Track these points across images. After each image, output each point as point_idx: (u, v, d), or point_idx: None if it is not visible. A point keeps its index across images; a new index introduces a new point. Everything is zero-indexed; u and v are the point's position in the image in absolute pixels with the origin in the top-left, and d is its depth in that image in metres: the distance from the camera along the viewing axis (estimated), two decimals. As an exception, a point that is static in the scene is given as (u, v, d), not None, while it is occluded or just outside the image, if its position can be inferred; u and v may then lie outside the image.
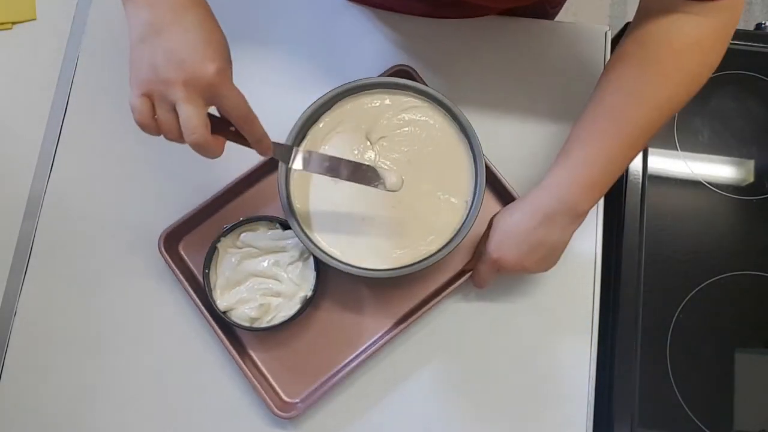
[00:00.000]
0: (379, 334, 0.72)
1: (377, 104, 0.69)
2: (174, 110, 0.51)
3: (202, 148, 0.52)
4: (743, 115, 0.83)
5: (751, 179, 0.81)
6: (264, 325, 0.68)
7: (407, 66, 0.75)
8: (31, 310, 0.74)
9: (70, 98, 0.80)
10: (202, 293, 0.70)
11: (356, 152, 0.68)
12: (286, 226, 0.70)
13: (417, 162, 0.67)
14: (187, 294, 0.70)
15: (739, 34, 0.85)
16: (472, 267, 0.69)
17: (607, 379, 0.73)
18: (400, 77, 0.70)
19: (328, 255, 0.64)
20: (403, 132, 0.68)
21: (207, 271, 0.69)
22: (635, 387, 0.73)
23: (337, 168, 0.60)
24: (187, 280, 0.71)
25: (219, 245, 0.70)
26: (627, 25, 0.88)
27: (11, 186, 0.78)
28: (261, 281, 0.69)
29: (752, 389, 0.74)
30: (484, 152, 0.66)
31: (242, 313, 0.68)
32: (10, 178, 0.78)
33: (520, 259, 0.64)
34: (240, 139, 0.55)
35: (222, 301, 0.69)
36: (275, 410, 0.67)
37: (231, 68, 0.53)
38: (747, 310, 0.77)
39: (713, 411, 0.73)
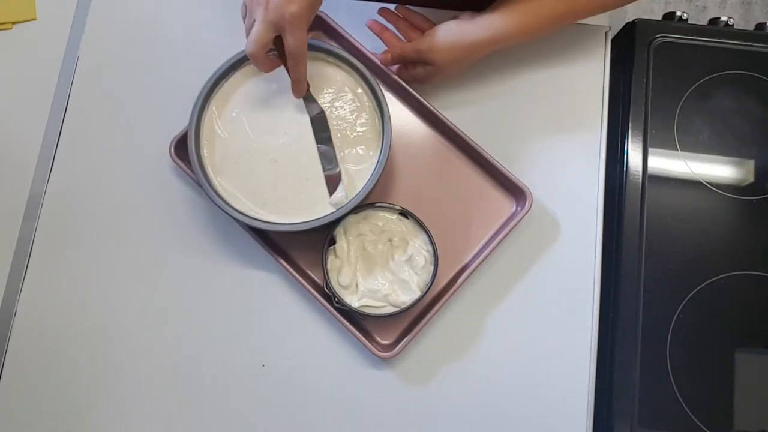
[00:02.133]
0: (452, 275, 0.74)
1: None
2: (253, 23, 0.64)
3: (253, 59, 0.64)
4: (743, 115, 0.83)
5: (751, 179, 0.81)
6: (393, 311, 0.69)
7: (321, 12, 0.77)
8: (31, 310, 0.74)
9: (70, 98, 0.80)
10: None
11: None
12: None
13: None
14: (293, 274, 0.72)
15: (739, 34, 0.85)
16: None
17: (607, 379, 0.73)
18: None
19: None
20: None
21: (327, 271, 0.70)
22: (635, 387, 0.73)
23: (331, 157, 0.70)
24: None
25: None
26: (627, 24, 0.88)
27: (11, 186, 0.78)
28: (387, 255, 0.71)
29: (752, 389, 0.74)
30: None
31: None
32: (10, 178, 0.78)
33: (429, 49, 0.71)
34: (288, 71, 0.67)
35: (352, 301, 0.69)
36: (376, 352, 0.69)
37: (311, 13, 0.62)
38: (747, 310, 0.77)
39: (713, 411, 0.73)
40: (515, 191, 0.75)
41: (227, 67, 0.71)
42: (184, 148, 0.71)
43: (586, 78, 0.78)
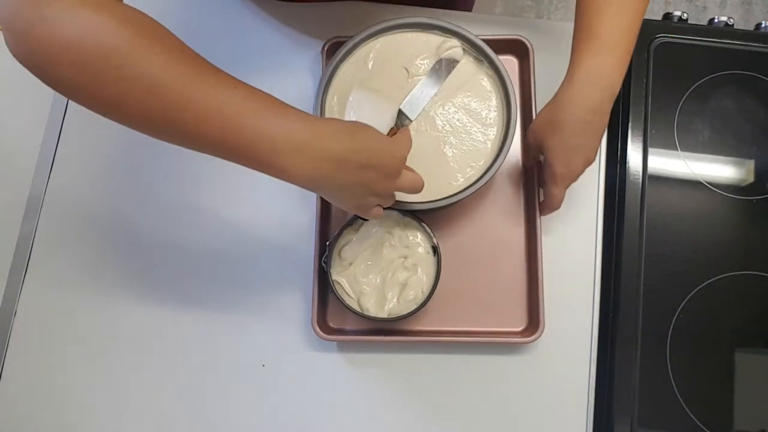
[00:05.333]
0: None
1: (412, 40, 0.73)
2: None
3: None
4: (743, 115, 0.83)
5: (751, 179, 0.81)
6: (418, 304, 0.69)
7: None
8: (31, 310, 0.74)
9: (70, 98, 0.80)
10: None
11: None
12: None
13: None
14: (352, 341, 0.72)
15: (739, 34, 0.85)
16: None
17: (607, 379, 0.73)
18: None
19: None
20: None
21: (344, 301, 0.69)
22: (635, 387, 0.73)
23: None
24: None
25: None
26: (627, 25, 0.88)
27: (11, 186, 0.78)
28: (393, 266, 0.70)
29: (752, 389, 0.74)
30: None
31: (397, 307, 0.69)
32: (10, 178, 0.78)
33: (586, 160, 0.66)
34: None
35: (379, 314, 0.69)
36: (521, 340, 0.70)
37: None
38: (747, 310, 0.77)
39: (713, 411, 0.73)
40: None
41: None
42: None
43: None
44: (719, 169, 0.81)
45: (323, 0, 0.81)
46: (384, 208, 0.62)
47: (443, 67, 0.68)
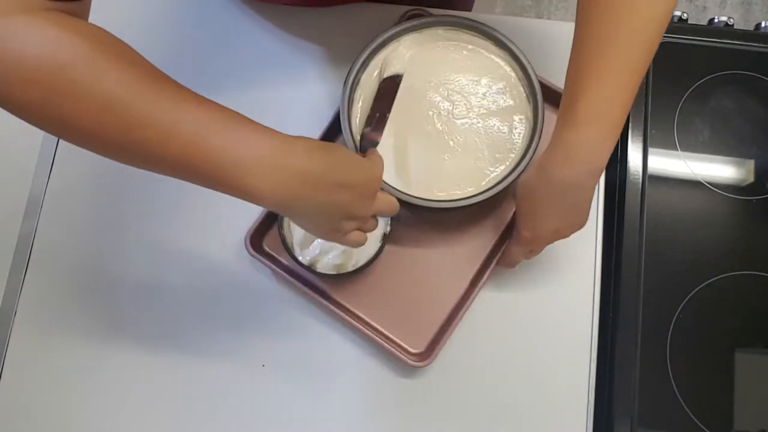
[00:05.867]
0: (477, 267, 0.74)
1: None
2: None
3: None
4: (743, 115, 0.83)
5: (751, 179, 0.81)
6: (350, 269, 0.69)
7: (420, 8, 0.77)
8: (31, 310, 0.74)
9: (70, 98, 0.80)
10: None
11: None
12: None
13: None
14: (274, 271, 0.72)
15: (739, 34, 0.85)
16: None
17: (607, 379, 0.73)
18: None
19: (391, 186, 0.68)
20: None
21: (282, 231, 0.69)
22: (635, 387, 0.73)
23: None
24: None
25: None
26: (627, 25, 0.88)
27: (11, 186, 0.78)
28: None
29: (752, 389, 0.74)
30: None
31: (326, 264, 0.69)
32: (10, 178, 0.78)
33: (555, 232, 0.63)
34: None
35: (304, 257, 0.69)
36: (410, 362, 0.69)
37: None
38: (747, 310, 0.77)
39: (713, 411, 0.73)
40: None
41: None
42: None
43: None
44: (719, 169, 0.81)
45: (322, 5, 0.81)
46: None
47: (391, 86, 0.68)
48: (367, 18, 0.80)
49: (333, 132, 0.75)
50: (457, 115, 0.72)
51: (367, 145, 0.66)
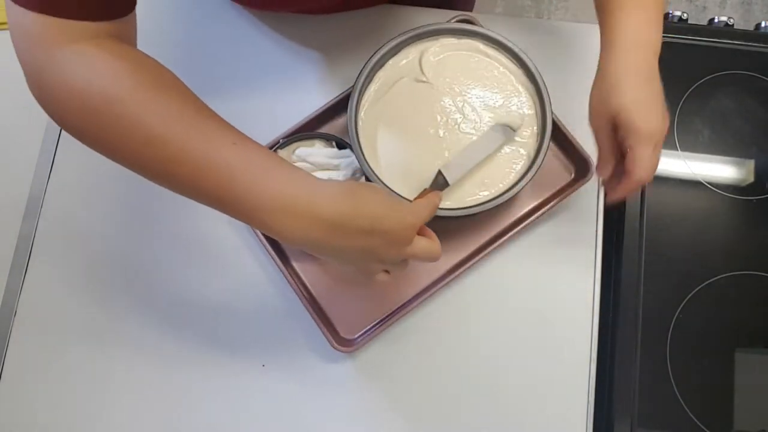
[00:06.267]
0: (436, 277, 0.73)
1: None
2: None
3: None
4: (743, 115, 0.83)
5: (751, 179, 0.81)
6: None
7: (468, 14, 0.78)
8: (31, 310, 0.74)
9: (70, 98, 0.80)
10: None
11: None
12: (341, 146, 0.72)
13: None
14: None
15: (739, 34, 0.85)
16: (606, 170, 0.64)
17: (607, 379, 0.73)
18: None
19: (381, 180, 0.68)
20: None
21: None
22: (635, 387, 0.73)
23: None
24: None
25: None
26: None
27: (11, 186, 0.78)
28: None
29: (752, 389, 0.74)
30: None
31: None
32: (10, 178, 0.78)
33: (665, 118, 0.60)
34: None
35: None
36: (335, 344, 0.69)
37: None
38: (747, 310, 0.77)
39: (713, 411, 0.73)
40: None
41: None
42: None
43: (585, 78, 0.78)
44: (719, 169, 0.81)
45: (324, 13, 0.81)
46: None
47: (498, 134, 0.67)
48: (369, 25, 0.80)
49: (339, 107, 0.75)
50: (463, 129, 0.72)
51: (438, 184, 0.65)
